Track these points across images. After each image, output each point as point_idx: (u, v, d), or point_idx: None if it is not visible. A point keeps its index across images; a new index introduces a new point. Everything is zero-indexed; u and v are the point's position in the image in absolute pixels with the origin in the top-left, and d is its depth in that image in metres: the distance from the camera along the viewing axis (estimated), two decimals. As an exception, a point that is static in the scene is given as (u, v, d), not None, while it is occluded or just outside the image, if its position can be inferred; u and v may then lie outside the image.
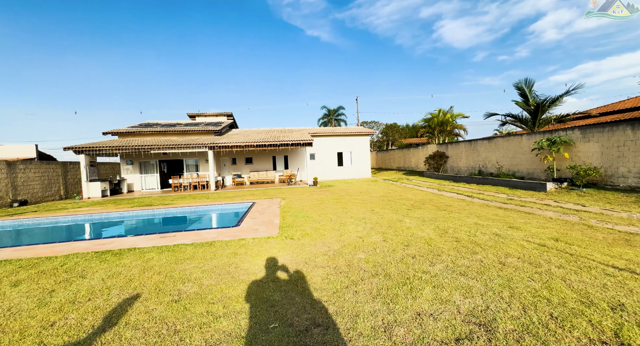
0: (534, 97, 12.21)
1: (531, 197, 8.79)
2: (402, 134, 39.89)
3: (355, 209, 7.96)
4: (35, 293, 3.09)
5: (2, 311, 2.69)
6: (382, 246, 4.47)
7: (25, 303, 2.85)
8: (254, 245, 4.70)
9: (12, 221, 8.38)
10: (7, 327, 2.42)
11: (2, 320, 2.54)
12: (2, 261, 4.19)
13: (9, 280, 3.46)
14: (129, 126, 19.51)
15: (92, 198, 14.02)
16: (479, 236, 4.77)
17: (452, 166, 16.89)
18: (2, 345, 2.17)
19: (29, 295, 3.02)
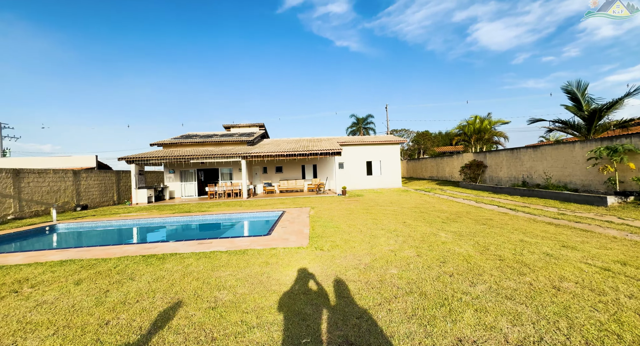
0: (587, 101, 11.02)
1: (588, 212, 7.84)
2: (434, 142, 38.30)
3: (386, 220, 7.74)
4: (94, 292, 3.43)
5: (68, 308, 3.02)
6: (416, 261, 4.26)
7: (85, 301, 3.18)
8: (285, 255, 4.76)
9: (76, 223, 9.48)
10: (71, 323, 2.71)
11: (68, 315, 2.86)
12: (68, 260, 4.74)
13: (73, 279, 3.89)
14: (172, 137, 21.26)
15: (139, 203, 15.37)
16: (526, 255, 4.35)
17: (491, 176, 15.75)
18: (68, 338, 2.43)
19: (88, 294, 3.37)
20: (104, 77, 75.42)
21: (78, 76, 72.81)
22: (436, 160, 23.92)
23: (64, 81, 72.40)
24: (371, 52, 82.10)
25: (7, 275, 4.13)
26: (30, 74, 67.40)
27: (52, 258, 4.95)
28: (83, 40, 66.04)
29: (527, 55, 78.82)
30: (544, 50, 77.57)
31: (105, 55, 71.05)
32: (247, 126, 25.82)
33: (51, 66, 67.86)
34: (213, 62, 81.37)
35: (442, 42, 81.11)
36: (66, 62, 68.52)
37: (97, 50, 69.18)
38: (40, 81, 69.58)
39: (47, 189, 11.91)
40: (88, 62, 70.95)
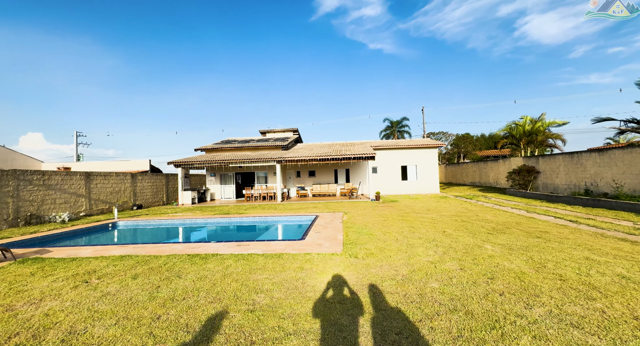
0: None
1: (674, 227, 6.61)
2: (476, 145, 35.67)
3: (423, 228, 7.36)
4: (147, 286, 3.76)
5: (127, 300, 3.35)
6: (459, 275, 3.96)
7: (140, 295, 3.50)
8: (319, 261, 4.76)
9: (132, 221, 10.58)
10: (129, 314, 3.00)
11: (127, 307, 3.17)
12: (126, 256, 5.29)
13: (131, 273, 4.32)
14: (213, 143, 22.79)
15: (184, 204, 16.66)
16: (594, 276, 3.79)
17: (544, 183, 14.14)
18: (126, 329, 2.69)
19: (143, 288, 3.71)
20: (158, 89, 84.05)
21: (136, 89, 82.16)
22: (479, 165, 22.22)
23: (125, 94, 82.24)
24: (406, 54, 79.65)
25: (79, 266, 4.73)
26: (100, 88, 77.94)
27: (114, 252, 5.56)
28: (141, 56, 74.54)
29: (588, 47, 69.87)
30: (610, 41, 68.02)
31: (159, 69, 79.21)
32: (282, 131, 26.65)
33: (116, 80, 77.68)
34: (250, 71, 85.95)
35: (485, 39, 75.57)
36: (127, 76, 77.85)
37: (152, 65, 77.48)
38: (107, 94, 80.00)
39: (110, 190, 13.50)
40: (144, 76, 79.68)
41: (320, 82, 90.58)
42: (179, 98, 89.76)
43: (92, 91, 78.47)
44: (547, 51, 73.68)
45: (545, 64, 76.57)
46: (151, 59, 76.37)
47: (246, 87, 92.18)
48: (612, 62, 71.20)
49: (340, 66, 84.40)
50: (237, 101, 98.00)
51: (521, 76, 77.50)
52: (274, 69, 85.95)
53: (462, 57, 78.45)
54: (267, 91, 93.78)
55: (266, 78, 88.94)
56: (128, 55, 72.67)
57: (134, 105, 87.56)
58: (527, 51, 74.84)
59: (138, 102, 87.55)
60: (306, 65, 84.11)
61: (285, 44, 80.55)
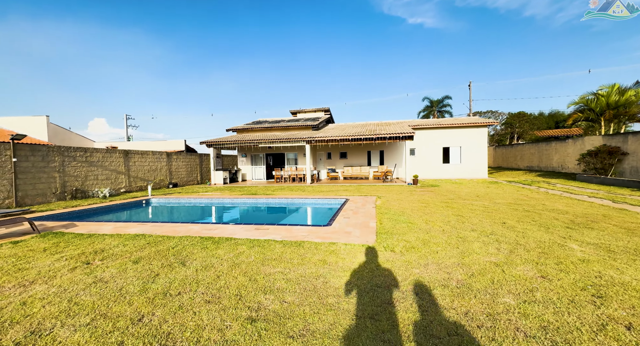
0: None
1: None
2: (534, 124, 30.96)
3: (475, 218, 6.06)
4: (145, 274, 3.26)
5: (115, 291, 2.86)
6: (545, 288, 2.81)
7: (133, 284, 2.99)
8: (346, 254, 3.90)
9: (164, 199, 10.74)
10: (110, 311, 2.47)
11: (112, 301, 2.65)
12: (140, 235, 4.97)
13: (135, 256, 3.90)
14: (245, 123, 22.68)
15: (217, 184, 16.90)
16: None
17: (635, 166, 11.36)
18: (96, 335, 2.13)
19: (139, 276, 3.21)
20: (196, 75, 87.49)
21: (177, 75, 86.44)
22: (539, 146, 19.06)
23: (169, 80, 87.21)
24: (449, 27, 71.14)
25: (91, 244, 4.49)
26: (149, 75, 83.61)
27: (131, 230, 5.31)
28: (182, 45, 77.53)
29: None
30: None
31: (197, 56, 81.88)
32: (313, 110, 25.61)
33: (161, 68, 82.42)
34: (283, 51, 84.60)
35: (547, 4, 63.86)
36: (170, 64, 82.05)
37: (191, 52, 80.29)
38: (154, 81, 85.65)
39: (147, 168, 14.01)
40: (185, 63, 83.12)
41: (355, 62, 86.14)
42: (216, 83, 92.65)
43: (142, 78, 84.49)
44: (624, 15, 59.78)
45: (621, 29, 62.79)
46: (191, 47, 79.05)
47: (279, 70, 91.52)
48: None
49: (377, 44, 78.85)
50: (270, 83, 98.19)
51: (591, 46, 64.75)
52: (307, 49, 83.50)
53: (516, 26, 67.69)
54: (300, 72, 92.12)
55: (299, 59, 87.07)
56: (171, 44, 75.98)
57: (176, 90, 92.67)
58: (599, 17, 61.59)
59: (179, 88, 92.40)
60: (340, 44, 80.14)
61: (319, 23, 77.05)
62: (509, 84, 69.18)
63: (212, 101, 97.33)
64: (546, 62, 69.10)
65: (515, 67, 71.10)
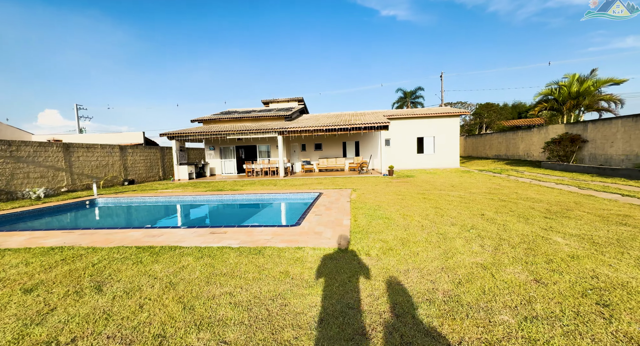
0: None
1: None
2: (501, 114, 32.37)
3: (453, 211, 5.73)
4: (32, 310, 2.38)
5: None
6: (542, 295, 2.39)
7: (2, 331, 2.11)
8: (314, 262, 3.27)
9: (113, 198, 9.40)
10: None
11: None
12: (57, 248, 3.96)
13: (32, 281, 2.96)
14: (212, 114, 21.08)
15: (181, 179, 15.50)
16: None
17: (593, 153, 11.94)
18: None
19: (22, 315, 2.32)
20: (164, 63, 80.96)
21: (141, 63, 79.41)
22: (506, 135, 19.78)
23: (132, 68, 79.84)
24: (421, 20, 72.23)
25: (-17, 264, 3.43)
26: (107, 62, 75.72)
27: (49, 242, 4.25)
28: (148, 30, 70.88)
29: (625, 3, 60.70)
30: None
31: (165, 43, 75.63)
32: (286, 100, 24.51)
33: (124, 55, 75.04)
34: (256, 41, 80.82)
35: (509, 1, 67.12)
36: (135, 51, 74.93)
37: (158, 39, 73.85)
38: (116, 69, 77.88)
39: (96, 164, 12.32)
40: (151, 51, 76.39)
41: (330, 52, 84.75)
42: (185, 73, 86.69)
43: (101, 66, 76.45)
44: (578, 12, 64.79)
45: (576, 28, 68.06)
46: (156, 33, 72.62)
47: (252, 60, 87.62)
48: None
49: (351, 34, 78.01)
50: (243, 74, 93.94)
51: (547, 41, 69.51)
52: (280, 39, 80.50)
53: (481, 21, 70.60)
54: (273, 63, 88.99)
55: (272, 50, 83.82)
56: (135, 29, 69.11)
57: (141, 80, 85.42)
58: (556, 13, 66.29)
59: (144, 78, 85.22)
60: (315, 34, 78.13)
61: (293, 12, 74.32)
62: (476, 75, 72.20)
63: (179, 91, 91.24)
64: (510, 55, 72.93)
65: (482, 60, 74.28)
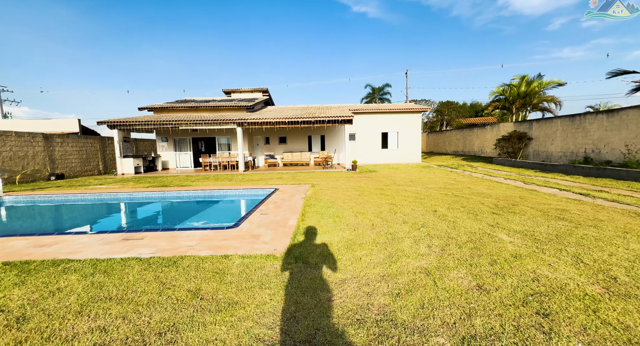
0: None
1: None
2: (460, 112, 34.22)
3: (408, 207, 5.52)
4: None
5: None
6: (483, 306, 2.10)
7: None
8: (238, 274, 2.71)
9: (27, 196, 7.87)
10: None
11: None
12: None
13: None
14: (165, 102, 19.16)
15: (125, 174, 13.81)
16: None
17: (537, 150, 12.84)
18: None
19: None
20: (114, 46, 72.63)
21: (89, 44, 70.48)
22: (463, 132, 20.77)
23: (77, 49, 70.50)
24: (390, 19, 73.78)
25: None
26: (46, 41, 65.77)
27: None
28: (98, 8, 62.65)
29: (565, 19, 68.39)
30: None
31: (117, 23, 67.60)
32: (250, 91, 23.22)
33: (69, 34, 65.67)
34: (223, 29, 76.15)
35: (470, 7, 71.37)
36: (81, 30, 65.96)
37: (109, 18, 65.76)
38: (54, 50, 68.00)
39: (9, 155, 10.34)
40: (100, 30, 67.93)
41: (299, 45, 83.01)
42: (140, 58, 78.92)
43: (40, 46, 66.30)
44: (528, 22, 71.24)
45: (524, 35, 74.71)
46: (109, 11, 64.64)
47: (217, 49, 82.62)
48: (585, 36, 70.61)
49: (322, 28, 77.02)
50: (206, 63, 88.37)
51: (501, 46, 75.41)
52: (249, 29, 76.80)
53: (446, 24, 74.29)
54: (240, 52, 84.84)
55: (239, 39, 79.71)
56: (83, 5, 60.66)
57: (86, 64, 76.00)
58: (509, 22, 72.03)
59: (90, 61, 75.95)
60: (284, 25, 75.74)
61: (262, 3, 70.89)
62: (439, 74, 75.83)
63: (134, 78, 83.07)
64: (469, 57, 77.68)
65: (445, 59, 78.21)
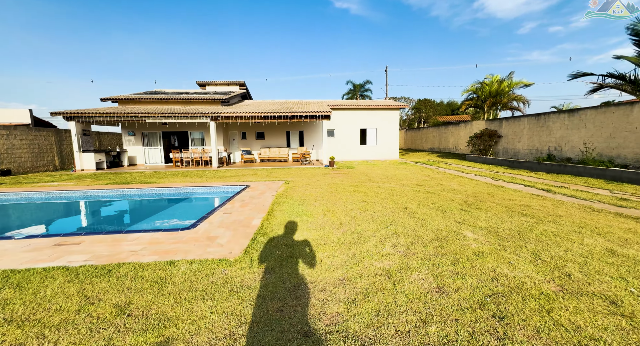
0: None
1: (661, 198, 5.64)
2: (437, 110, 35.15)
3: (379, 204, 5.43)
4: None
5: None
6: (440, 311, 1.98)
7: None
8: (181, 284, 2.42)
9: (-41, 196, 6.94)
10: None
11: None
12: None
13: None
14: (133, 93, 17.90)
15: (85, 170, 12.76)
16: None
17: (506, 148, 13.37)
18: None
19: None
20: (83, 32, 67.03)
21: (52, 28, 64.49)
22: (439, 129, 21.30)
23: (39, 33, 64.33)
24: (372, 16, 74.20)
25: None
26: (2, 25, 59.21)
27: None
28: None
29: (534, 24, 72.43)
30: (553, 20, 71.12)
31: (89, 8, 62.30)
32: (226, 84, 22.30)
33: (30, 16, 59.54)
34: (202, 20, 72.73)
35: (448, 8, 73.53)
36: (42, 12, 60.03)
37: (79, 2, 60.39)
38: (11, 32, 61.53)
39: (-59, 150, 9.12)
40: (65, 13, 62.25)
41: (279, 39, 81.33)
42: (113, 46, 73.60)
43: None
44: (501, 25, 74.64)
45: (497, 37, 78.28)
46: None
47: (193, 41, 78.90)
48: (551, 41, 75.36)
49: (303, 23, 75.87)
50: (182, 55, 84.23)
51: (477, 47, 78.51)
52: (228, 21, 73.92)
53: (425, 24, 75.99)
54: (217, 45, 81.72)
55: (218, 31, 76.63)
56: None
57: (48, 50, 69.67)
58: (483, 24, 75.02)
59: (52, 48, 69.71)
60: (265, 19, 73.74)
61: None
62: (417, 72, 77.59)
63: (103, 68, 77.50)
64: (446, 56, 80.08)
65: (423, 58, 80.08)
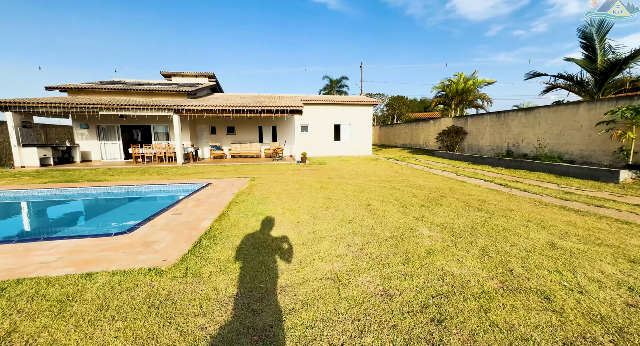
0: (604, 50, 8.89)
1: (599, 191, 6.09)
2: (409, 107, 36.09)
3: (343, 201, 5.32)
4: None
5: None
6: (379, 318, 1.86)
7: None
8: (91, 301, 2.10)
9: None
10: None
11: None
12: None
13: None
14: (86, 82, 16.30)
15: (27, 167, 11.41)
16: (591, 291, 2.14)
17: (470, 144, 13.96)
18: None
19: None
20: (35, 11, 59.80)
21: None
22: (410, 126, 21.82)
23: None
24: (349, 12, 74.24)
25: None
26: None
27: None
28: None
29: (500, 27, 76.78)
30: (516, 24, 75.90)
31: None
32: (193, 75, 21.07)
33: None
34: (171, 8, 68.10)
35: (422, 7, 75.58)
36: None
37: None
38: None
39: None
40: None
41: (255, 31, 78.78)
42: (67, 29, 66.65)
43: None
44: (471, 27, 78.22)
45: (468, 38, 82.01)
46: None
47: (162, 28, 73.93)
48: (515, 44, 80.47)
49: (280, 16, 73.98)
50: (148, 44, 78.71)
51: (449, 47, 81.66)
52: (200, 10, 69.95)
53: (401, 22, 77.54)
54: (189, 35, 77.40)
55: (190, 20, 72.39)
56: None
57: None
58: (455, 25, 78.11)
59: None
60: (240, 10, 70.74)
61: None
62: (391, 69, 79.20)
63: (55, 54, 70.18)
64: (420, 54, 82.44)
65: (397, 55, 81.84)
